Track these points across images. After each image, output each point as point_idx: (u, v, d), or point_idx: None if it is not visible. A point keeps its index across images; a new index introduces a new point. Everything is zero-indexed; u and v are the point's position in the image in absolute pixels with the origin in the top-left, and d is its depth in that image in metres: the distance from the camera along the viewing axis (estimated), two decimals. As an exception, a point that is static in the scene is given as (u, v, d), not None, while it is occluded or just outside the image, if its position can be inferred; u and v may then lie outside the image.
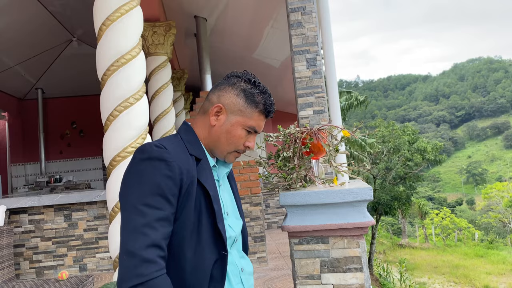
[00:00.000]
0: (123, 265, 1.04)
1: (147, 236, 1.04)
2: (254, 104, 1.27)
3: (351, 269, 1.66)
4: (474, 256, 25.44)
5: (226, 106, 1.27)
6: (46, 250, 5.08)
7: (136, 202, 1.08)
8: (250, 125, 1.27)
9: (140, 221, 1.05)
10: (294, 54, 3.96)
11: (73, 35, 8.94)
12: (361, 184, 1.76)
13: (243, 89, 1.28)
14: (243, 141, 1.29)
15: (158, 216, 1.07)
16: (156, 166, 1.11)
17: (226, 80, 1.32)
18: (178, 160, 1.14)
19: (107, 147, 2.84)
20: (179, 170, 1.13)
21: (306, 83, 3.91)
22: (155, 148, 1.14)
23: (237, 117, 1.26)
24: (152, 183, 1.09)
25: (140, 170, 1.12)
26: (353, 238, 1.67)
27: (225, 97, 1.28)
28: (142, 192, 1.09)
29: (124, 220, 1.09)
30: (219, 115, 1.27)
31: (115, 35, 2.83)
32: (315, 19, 3.97)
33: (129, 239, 1.05)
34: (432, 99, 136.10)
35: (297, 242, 1.71)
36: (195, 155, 1.22)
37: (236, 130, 1.26)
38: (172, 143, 1.20)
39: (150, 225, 1.05)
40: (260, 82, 1.30)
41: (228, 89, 1.29)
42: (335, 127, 1.67)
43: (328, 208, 1.67)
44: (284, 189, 1.76)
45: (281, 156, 1.63)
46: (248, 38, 8.11)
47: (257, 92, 1.28)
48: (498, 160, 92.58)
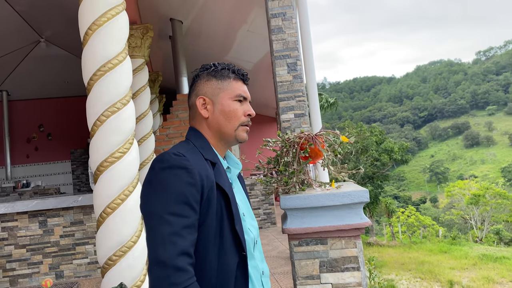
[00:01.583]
0: (155, 275, 1.05)
1: (176, 244, 1.06)
2: (225, 76, 1.33)
3: (348, 269, 1.74)
4: (438, 252, 26.31)
5: (206, 94, 1.33)
6: (20, 258, 4.94)
7: (161, 212, 1.09)
8: (235, 94, 1.32)
9: (167, 230, 1.07)
10: (275, 58, 4.03)
11: (41, 36, 8.70)
12: (355, 187, 1.84)
13: (208, 73, 1.35)
14: (241, 113, 1.33)
15: (185, 224, 1.09)
16: (177, 174, 1.13)
17: (192, 80, 1.40)
18: (197, 167, 1.17)
19: (94, 152, 2.81)
20: (199, 176, 1.15)
21: (287, 87, 3.99)
22: (174, 157, 1.16)
23: (220, 94, 1.32)
24: (176, 192, 1.11)
25: (161, 179, 1.14)
26: (351, 239, 1.74)
27: (200, 89, 1.35)
28: (167, 201, 1.10)
29: (151, 230, 1.10)
30: (206, 106, 1.33)
31: (101, 40, 2.81)
32: (296, 25, 4.05)
33: (158, 249, 1.06)
34: (396, 101, 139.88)
35: (297, 244, 1.77)
36: (210, 160, 1.25)
37: (228, 106, 1.31)
38: (188, 151, 1.22)
39: (178, 234, 1.07)
40: (217, 62, 1.38)
41: (198, 83, 1.36)
42: (332, 132, 1.75)
43: (326, 210, 1.74)
44: (283, 193, 1.82)
45: (282, 161, 1.69)
46: (223, 41, 8.15)
47: (220, 68, 1.35)
48: (459, 159, 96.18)
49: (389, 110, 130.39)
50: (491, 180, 54.92)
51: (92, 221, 4.99)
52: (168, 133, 6.06)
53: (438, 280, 19.71)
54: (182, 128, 6.04)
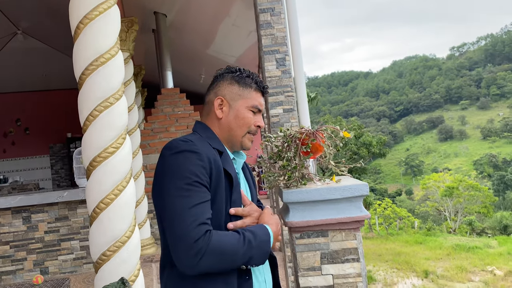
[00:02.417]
0: (180, 249, 1.11)
1: (194, 216, 1.12)
2: (247, 85, 1.39)
3: (349, 260, 1.80)
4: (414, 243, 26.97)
5: (225, 96, 1.38)
6: (3, 254, 4.85)
7: (176, 191, 1.15)
8: (252, 105, 1.38)
9: (184, 205, 1.13)
10: (264, 54, 4.06)
11: (18, 28, 8.48)
12: (354, 180, 1.90)
13: (232, 77, 1.39)
14: (252, 122, 1.38)
15: (200, 200, 1.15)
16: (188, 156, 1.18)
17: (215, 78, 1.44)
18: (205, 151, 1.22)
19: (87, 148, 2.79)
20: (208, 159, 1.20)
21: (276, 82, 4.03)
22: (182, 143, 1.22)
23: (238, 101, 1.37)
24: (188, 171, 1.16)
25: (172, 163, 1.19)
26: (351, 231, 1.80)
27: (221, 90, 1.39)
28: (180, 180, 1.15)
29: (168, 210, 1.15)
30: (222, 107, 1.37)
31: (93, 34, 2.78)
32: (284, 20, 4.09)
33: (178, 224, 1.12)
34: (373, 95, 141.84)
35: (299, 236, 1.82)
36: (217, 148, 1.31)
37: (242, 113, 1.37)
38: (196, 139, 1.27)
39: (194, 207, 1.13)
40: (245, 70, 1.43)
41: (220, 83, 1.40)
42: (332, 128, 1.80)
43: (327, 204, 1.79)
44: (284, 187, 1.86)
45: (286, 156, 1.73)
46: (207, 34, 8.12)
47: (245, 76, 1.40)
48: (433, 152, 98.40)
49: (366, 104, 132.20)
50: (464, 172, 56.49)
51: (78, 217, 4.94)
52: (153, 128, 6.02)
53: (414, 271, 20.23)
54: (167, 122, 6.01)
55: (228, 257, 1.15)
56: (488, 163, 78.72)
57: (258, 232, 1.23)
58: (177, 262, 1.13)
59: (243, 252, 1.17)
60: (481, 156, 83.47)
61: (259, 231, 1.24)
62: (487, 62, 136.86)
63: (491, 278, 11.79)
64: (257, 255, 1.21)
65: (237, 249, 1.16)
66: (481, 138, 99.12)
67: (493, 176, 64.47)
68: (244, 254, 1.17)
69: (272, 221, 1.32)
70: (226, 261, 1.15)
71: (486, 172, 73.24)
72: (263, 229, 1.26)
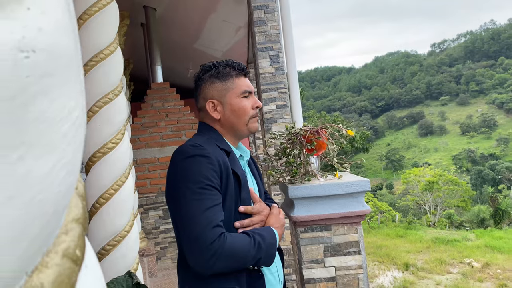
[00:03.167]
0: (195, 250, 1.17)
1: (208, 219, 1.17)
2: (227, 76, 1.40)
3: (350, 252, 1.88)
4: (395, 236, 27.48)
5: (213, 97, 1.40)
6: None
7: (190, 194, 1.20)
8: (241, 91, 1.40)
9: (198, 209, 1.18)
10: (258, 50, 4.11)
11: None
12: (355, 177, 1.98)
13: (210, 75, 1.41)
14: (249, 107, 1.41)
15: (212, 203, 1.20)
16: (199, 161, 1.23)
17: (196, 84, 1.47)
18: (215, 154, 1.27)
19: (86, 143, 2.81)
20: (217, 162, 1.26)
21: (270, 79, 4.09)
22: (193, 148, 1.27)
23: (227, 95, 1.39)
24: (200, 175, 1.21)
25: (184, 167, 1.24)
26: (352, 225, 1.88)
27: (207, 92, 1.41)
28: (193, 184, 1.20)
29: (182, 213, 1.20)
30: (216, 108, 1.40)
31: (93, 30, 2.79)
32: (278, 18, 4.14)
33: (193, 226, 1.17)
34: (355, 90, 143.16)
35: (303, 230, 1.89)
36: (225, 149, 1.36)
37: (237, 104, 1.39)
38: (204, 142, 1.32)
39: (207, 210, 1.18)
40: (215, 61, 1.45)
41: (203, 86, 1.43)
42: (336, 126, 1.87)
43: (331, 199, 1.86)
44: (289, 183, 1.93)
45: (292, 153, 1.80)
46: (196, 29, 8.10)
47: (221, 67, 1.41)
48: (413, 147, 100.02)
49: (348, 99, 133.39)
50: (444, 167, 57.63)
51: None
52: (143, 122, 6.02)
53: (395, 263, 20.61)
54: (157, 117, 6.01)
55: (240, 259, 1.21)
56: (466, 158, 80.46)
57: (266, 236, 1.30)
58: (192, 263, 1.19)
59: (253, 255, 1.24)
60: (460, 151, 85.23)
61: (267, 234, 1.30)
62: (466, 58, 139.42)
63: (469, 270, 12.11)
64: (265, 257, 1.27)
65: (248, 251, 1.23)
66: (460, 133, 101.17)
67: (471, 171, 65.99)
68: (254, 257, 1.24)
69: (277, 224, 1.38)
70: (238, 263, 1.22)
71: (464, 166, 74.89)
72: (270, 232, 1.32)
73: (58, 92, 0.33)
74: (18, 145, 0.28)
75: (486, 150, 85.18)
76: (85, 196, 0.44)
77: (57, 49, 0.33)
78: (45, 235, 0.32)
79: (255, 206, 1.38)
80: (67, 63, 0.34)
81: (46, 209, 0.32)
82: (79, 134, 0.36)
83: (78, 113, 0.36)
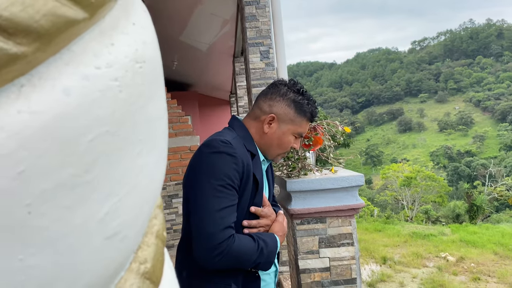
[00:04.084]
0: (205, 246, 1.22)
1: (223, 219, 1.22)
2: (303, 113, 1.43)
3: (344, 244, 1.96)
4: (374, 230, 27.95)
5: (278, 115, 1.42)
6: None
7: (211, 190, 1.24)
8: (299, 132, 1.45)
9: (216, 206, 1.23)
10: (248, 46, 4.15)
11: None
12: (350, 172, 2.06)
13: (293, 100, 1.43)
14: (291, 145, 1.46)
15: (230, 203, 1.26)
16: (225, 159, 1.27)
17: (276, 88, 1.47)
18: (241, 155, 1.31)
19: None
20: (242, 163, 1.30)
21: (260, 74, 4.14)
22: (222, 144, 1.30)
23: (288, 125, 1.42)
24: (224, 174, 1.26)
25: (210, 162, 1.28)
26: (347, 218, 1.96)
27: (277, 107, 1.42)
28: (216, 181, 1.25)
29: (200, 206, 1.25)
30: (271, 124, 1.42)
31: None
32: (269, 13, 4.19)
33: (208, 223, 1.22)
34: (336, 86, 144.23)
35: (299, 222, 1.96)
36: (251, 151, 1.40)
37: (287, 137, 1.43)
38: (233, 139, 1.35)
39: (224, 210, 1.23)
40: (306, 91, 1.47)
41: (279, 99, 1.43)
42: (333, 124, 1.94)
43: (326, 193, 1.94)
44: (286, 177, 2.00)
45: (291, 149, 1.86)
46: (181, 20, 8.08)
47: (305, 103, 1.44)
48: (392, 143, 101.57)
49: (329, 95, 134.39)
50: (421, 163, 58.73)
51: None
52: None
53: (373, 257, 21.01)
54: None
55: (242, 261, 1.28)
56: (443, 155, 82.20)
57: (270, 243, 1.35)
58: (197, 255, 1.24)
59: (255, 259, 1.30)
60: (437, 148, 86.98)
61: (270, 242, 1.36)
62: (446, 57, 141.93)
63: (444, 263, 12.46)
64: (264, 263, 1.34)
65: (251, 255, 1.29)
66: (438, 130, 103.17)
67: (448, 167, 67.50)
68: (255, 261, 1.31)
69: (281, 232, 1.44)
70: (240, 263, 1.29)
71: (441, 163, 76.53)
72: (273, 240, 1.38)
73: (158, 95, 0.38)
74: (137, 142, 0.34)
75: (462, 147, 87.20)
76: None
77: (155, 58, 0.38)
78: (148, 217, 0.38)
79: (264, 209, 1.43)
80: (161, 69, 0.40)
81: (154, 194, 0.37)
82: (167, 129, 0.42)
83: (166, 111, 0.42)
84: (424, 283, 6.16)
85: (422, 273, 6.83)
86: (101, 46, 0.31)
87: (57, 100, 0.27)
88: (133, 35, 0.35)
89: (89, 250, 0.29)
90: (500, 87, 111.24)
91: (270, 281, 1.47)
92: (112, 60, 0.31)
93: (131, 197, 0.33)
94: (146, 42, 0.37)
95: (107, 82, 0.30)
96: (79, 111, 0.28)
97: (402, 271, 8.09)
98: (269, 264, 1.36)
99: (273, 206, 1.54)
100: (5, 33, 0.25)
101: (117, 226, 0.31)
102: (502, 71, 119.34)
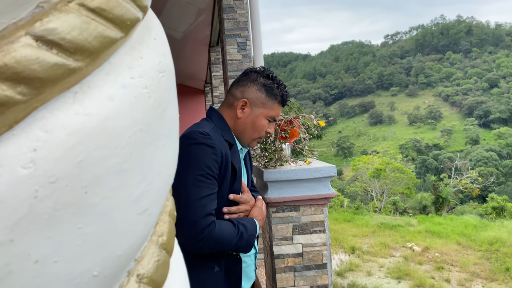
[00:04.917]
0: (187, 233, 1.29)
1: (204, 207, 1.30)
2: (273, 96, 1.50)
3: (316, 231, 2.08)
4: (343, 221, 28.53)
5: (250, 100, 1.49)
6: None
7: (192, 180, 1.32)
8: (271, 115, 1.52)
9: (196, 195, 1.31)
10: (226, 37, 4.20)
11: None
12: (323, 163, 2.17)
13: (263, 84, 1.50)
14: (265, 129, 1.53)
15: (210, 191, 1.33)
16: (204, 150, 1.35)
17: (247, 76, 1.54)
18: (220, 146, 1.39)
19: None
20: (220, 154, 1.38)
21: (237, 65, 4.20)
22: (201, 135, 1.37)
23: (260, 109, 1.49)
24: (204, 164, 1.33)
25: (190, 154, 1.35)
26: (319, 207, 2.07)
27: (248, 92, 1.49)
28: (195, 172, 1.32)
29: (182, 196, 1.32)
30: (244, 108, 1.49)
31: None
32: (246, 6, 4.24)
33: (189, 211, 1.30)
34: (310, 78, 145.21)
35: (275, 210, 2.06)
36: (229, 141, 1.47)
37: (260, 121, 1.50)
38: (211, 130, 1.42)
39: (205, 199, 1.31)
40: (276, 76, 1.55)
41: (250, 84, 1.50)
42: (308, 117, 2.04)
43: (301, 183, 2.04)
44: (263, 167, 2.09)
45: (269, 140, 1.95)
46: (157, 8, 7.99)
47: (275, 86, 1.51)
48: (363, 135, 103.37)
49: (303, 86, 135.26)
50: (391, 155, 60.20)
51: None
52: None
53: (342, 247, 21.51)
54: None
55: (224, 245, 1.36)
56: (412, 148, 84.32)
57: (249, 227, 1.44)
58: (181, 241, 1.31)
59: (235, 243, 1.38)
60: (406, 141, 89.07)
61: (250, 226, 1.44)
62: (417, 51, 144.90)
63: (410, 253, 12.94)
64: (244, 246, 1.42)
65: (232, 239, 1.37)
66: (408, 123, 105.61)
67: (416, 160, 69.34)
68: (236, 244, 1.39)
69: (260, 216, 1.53)
70: (221, 248, 1.37)
71: (410, 155, 78.54)
72: (253, 224, 1.47)
73: (174, 98, 0.46)
74: (162, 137, 0.42)
75: (430, 140, 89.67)
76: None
77: (172, 68, 0.46)
78: (165, 198, 0.46)
79: (243, 196, 1.50)
80: (174, 77, 0.47)
81: (170, 179, 0.45)
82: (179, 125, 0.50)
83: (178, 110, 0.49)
84: (391, 272, 6.41)
85: (389, 262, 7.10)
86: (132, 59, 0.39)
87: (105, 104, 0.35)
88: (155, 49, 0.43)
89: (127, 222, 0.36)
90: (468, 83, 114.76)
91: (250, 263, 1.57)
92: (142, 71, 0.39)
93: (156, 182, 0.41)
94: (166, 54, 0.45)
95: (140, 89, 0.38)
96: (121, 113, 0.35)
97: (370, 260, 8.37)
98: (250, 247, 1.45)
99: (252, 192, 1.62)
100: (67, 52, 0.32)
101: (146, 205, 0.39)
102: (470, 67, 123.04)
